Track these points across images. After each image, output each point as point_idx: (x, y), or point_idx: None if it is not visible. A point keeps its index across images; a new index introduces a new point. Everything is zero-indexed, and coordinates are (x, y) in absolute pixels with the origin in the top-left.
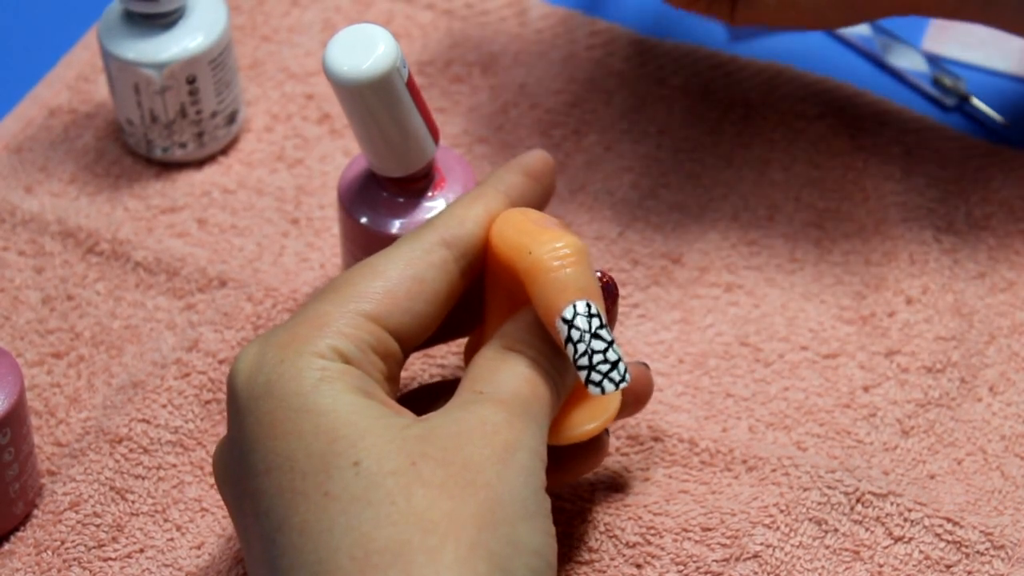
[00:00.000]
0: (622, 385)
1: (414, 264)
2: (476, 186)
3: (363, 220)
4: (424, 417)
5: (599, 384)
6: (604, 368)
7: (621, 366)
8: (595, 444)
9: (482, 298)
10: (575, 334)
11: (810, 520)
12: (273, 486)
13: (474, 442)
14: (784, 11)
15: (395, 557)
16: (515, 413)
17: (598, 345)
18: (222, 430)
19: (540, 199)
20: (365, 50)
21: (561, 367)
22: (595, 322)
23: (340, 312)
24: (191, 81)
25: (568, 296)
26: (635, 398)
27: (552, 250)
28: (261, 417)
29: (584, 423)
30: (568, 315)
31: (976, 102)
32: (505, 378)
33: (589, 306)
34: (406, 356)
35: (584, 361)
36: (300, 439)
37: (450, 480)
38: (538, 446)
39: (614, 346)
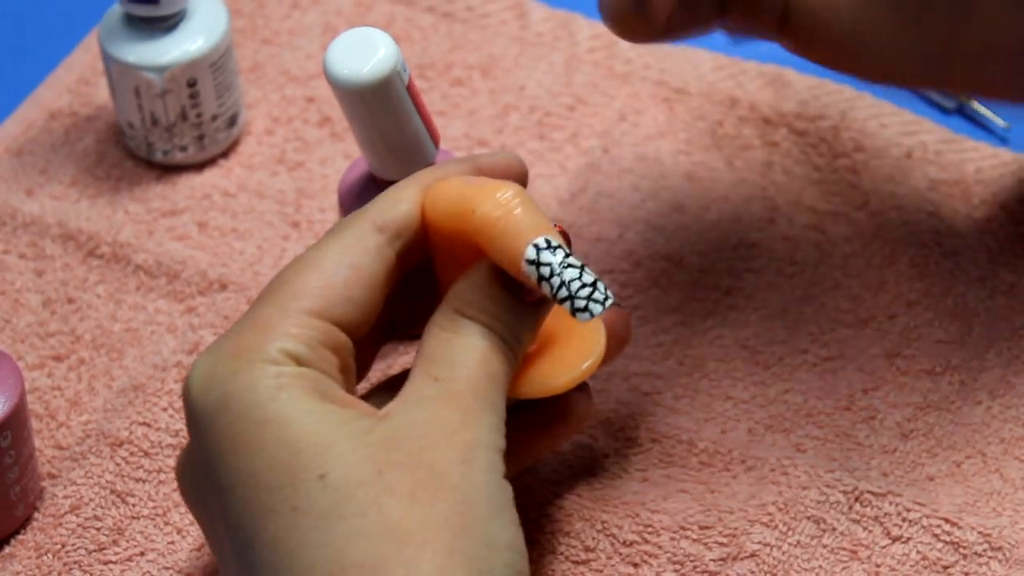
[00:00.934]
0: (608, 303)
1: (348, 252)
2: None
3: None
4: (384, 413)
5: (585, 309)
6: (585, 292)
7: (601, 285)
8: (579, 403)
9: (436, 280)
10: (545, 271)
11: (808, 519)
12: (239, 502)
13: (435, 445)
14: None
15: (373, 571)
16: (469, 409)
17: (571, 273)
18: None
19: None
20: (365, 53)
21: (516, 327)
22: (560, 253)
23: (283, 312)
24: (192, 84)
25: (525, 237)
26: (616, 340)
27: (495, 200)
28: (220, 432)
29: (574, 367)
30: (532, 256)
31: (976, 105)
32: (459, 357)
33: (548, 240)
34: (358, 345)
35: (564, 292)
36: (263, 452)
37: (418, 487)
38: (496, 439)
39: (586, 269)
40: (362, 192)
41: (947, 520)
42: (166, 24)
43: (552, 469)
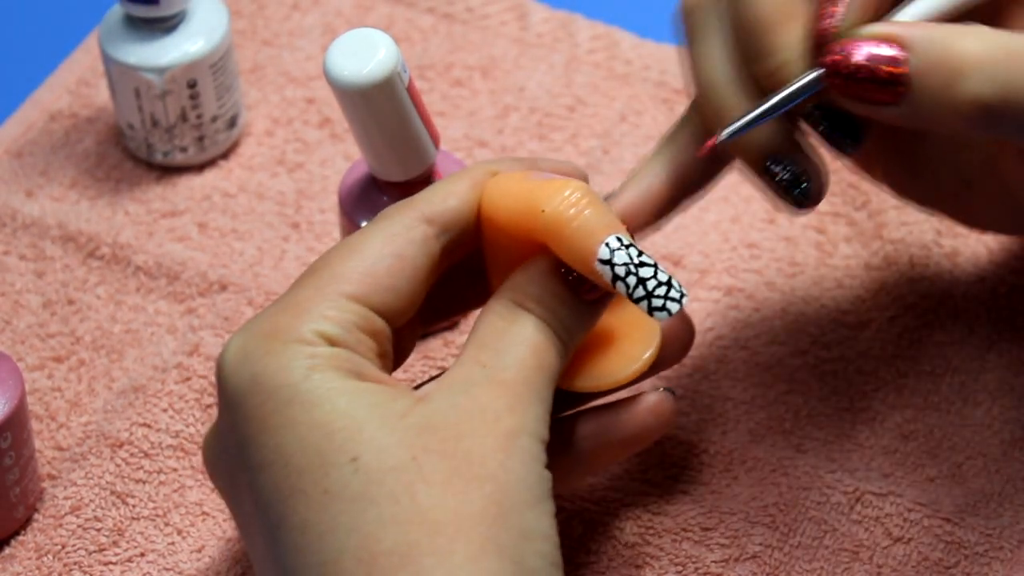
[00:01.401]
0: (685, 301)
1: (393, 241)
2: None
3: (364, 224)
4: (422, 395)
5: (663, 308)
6: (662, 291)
7: (675, 282)
8: (660, 408)
9: (481, 272)
10: (619, 271)
11: (809, 520)
12: (270, 482)
13: (476, 432)
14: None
15: (403, 559)
16: (517, 396)
17: (646, 272)
18: None
19: None
20: (366, 54)
21: (571, 323)
22: (633, 251)
23: (320, 295)
24: (192, 85)
25: (598, 237)
26: (680, 345)
27: (563, 200)
28: (251, 412)
29: (635, 358)
30: (605, 255)
31: None
32: (511, 347)
33: (620, 239)
34: (396, 333)
35: (640, 292)
36: (293, 433)
37: (454, 475)
38: (541, 430)
39: (660, 267)
40: (362, 193)
41: (948, 520)
42: (166, 25)
43: None
